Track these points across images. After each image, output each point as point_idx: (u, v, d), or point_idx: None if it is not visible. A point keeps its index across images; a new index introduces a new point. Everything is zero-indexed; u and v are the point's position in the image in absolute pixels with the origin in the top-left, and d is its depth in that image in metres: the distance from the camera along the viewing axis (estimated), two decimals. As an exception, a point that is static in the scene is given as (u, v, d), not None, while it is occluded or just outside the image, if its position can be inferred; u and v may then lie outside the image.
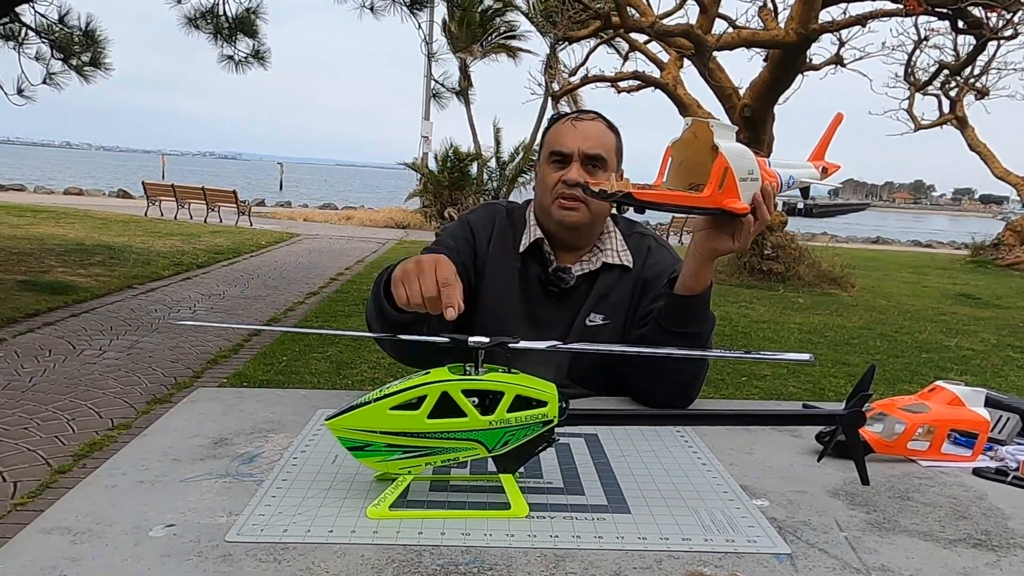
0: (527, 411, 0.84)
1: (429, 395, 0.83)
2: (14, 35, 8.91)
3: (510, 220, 1.49)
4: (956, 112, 16.81)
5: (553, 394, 0.86)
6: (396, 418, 0.83)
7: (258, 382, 4.41)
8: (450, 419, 0.83)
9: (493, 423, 0.83)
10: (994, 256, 16.54)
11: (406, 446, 0.84)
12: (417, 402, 0.83)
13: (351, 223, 18.33)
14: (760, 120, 10.61)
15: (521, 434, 0.85)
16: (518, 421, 0.84)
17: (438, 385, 0.83)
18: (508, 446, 0.85)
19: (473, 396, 0.84)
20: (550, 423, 0.85)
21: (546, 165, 1.42)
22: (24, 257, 8.28)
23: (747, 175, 1.05)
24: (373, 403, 0.84)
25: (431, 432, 0.83)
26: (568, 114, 1.47)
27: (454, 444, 0.84)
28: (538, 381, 0.86)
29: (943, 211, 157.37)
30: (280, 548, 0.75)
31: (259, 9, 9.56)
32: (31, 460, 3.16)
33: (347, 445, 0.86)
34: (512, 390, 0.84)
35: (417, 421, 0.83)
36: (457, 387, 0.83)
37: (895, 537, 0.84)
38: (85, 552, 0.74)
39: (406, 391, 0.83)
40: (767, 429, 1.19)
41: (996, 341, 7.31)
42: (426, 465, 0.86)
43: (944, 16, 9.74)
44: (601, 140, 1.40)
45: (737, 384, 4.99)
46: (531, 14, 19.48)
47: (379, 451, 0.85)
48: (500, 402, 0.84)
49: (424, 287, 1.01)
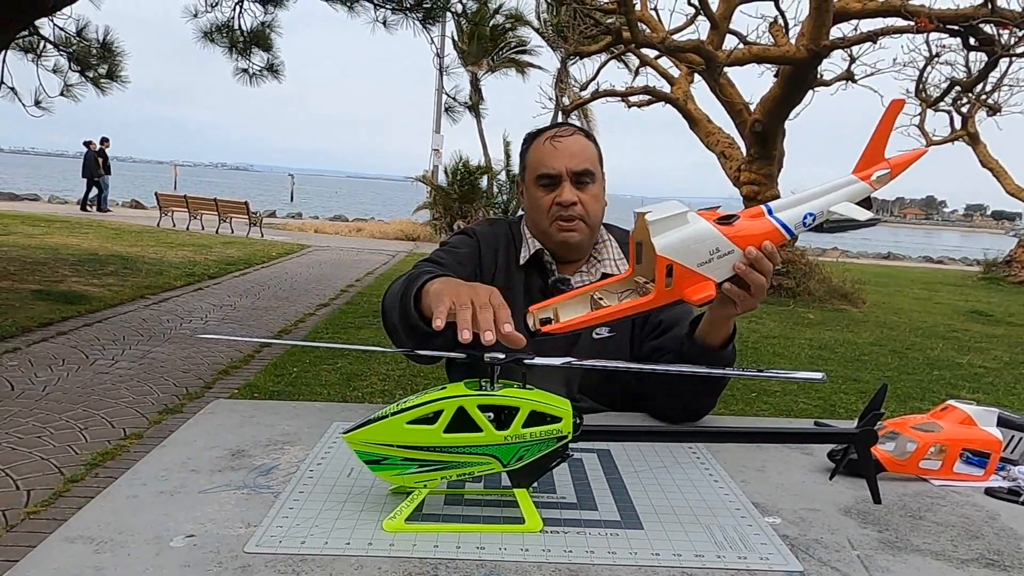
0: (542, 427, 0.85)
1: (446, 410, 0.84)
2: (33, 48, 9.04)
3: (511, 235, 1.51)
4: (968, 128, 16.76)
5: (567, 410, 0.86)
6: (413, 432, 0.84)
7: (269, 393, 4.43)
8: (466, 434, 0.84)
9: (508, 438, 0.84)
10: (1006, 273, 16.42)
11: (422, 460, 0.85)
12: (434, 416, 0.84)
13: (361, 235, 18.42)
14: (770, 135, 10.62)
15: (536, 449, 0.86)
16: (533, 436, 0.85)
17: (455, 400, 0.84)
18: (523, 461, 0.86)
19: (489, 411, 0.85)
20: (564, 438, 0.86)
21: (534, 188, 1.43)
22: (38, 267, 8.36)
23: (710, 256, 0.99)
24: (390, 417, 0.85)
25: (447, 447, 0.84)
26: (543, 130, 1.46)
27: (470, 459, 0.85)
28: (553, 397, 0.87)
29: (955, 227, 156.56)
30: (298, 560, 0.77)
31: (274, 23, 9.67)
32: (44, 469, 3.19)
33: (364, 458, 0.86)
34: (527, 406, 0.85)
35: (434, 435, 0.84)
36: (473, 402, 0.84)
37: (907, 556, 0.84)
38: (107, 561, 0.75)
39: (423, 405, 0.84)
40: (779, 446, 1.20)
41: (1009, 359, 7.25)
42: (442, 479, 0.86)
43: (955, 33, 9.75)
44: (585, 154, 1.41)
45: (747, 400, 4.97)
46: (542, 29, 19.61)
47: (396, 465, 0.86)
48: (515, 417, 0.84)
49: (478, 305, 0.96)
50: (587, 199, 1.40)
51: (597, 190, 1.43)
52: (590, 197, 1.41)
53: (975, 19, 8.99)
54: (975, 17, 9.00)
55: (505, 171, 17.87)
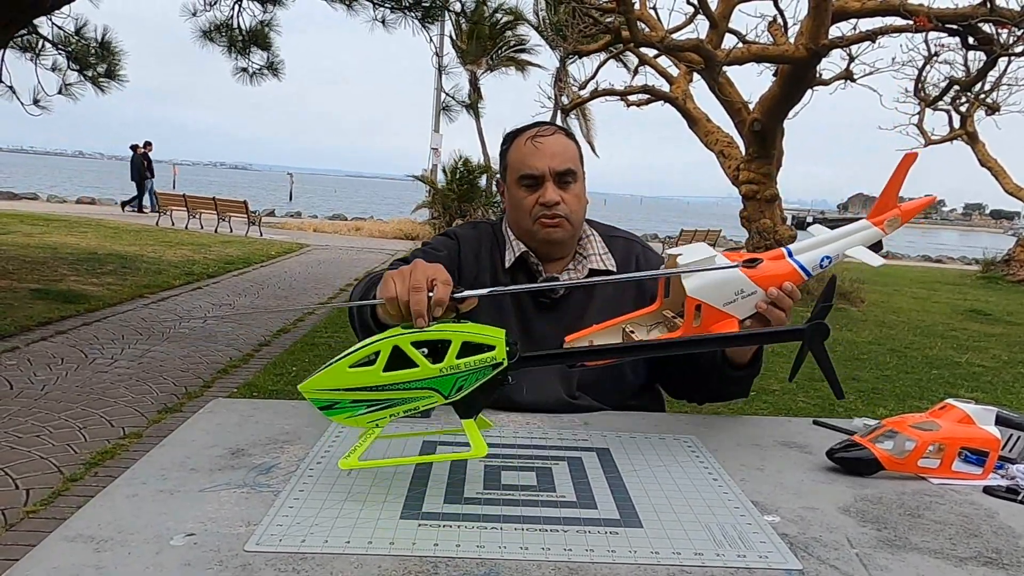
0: (476, 356, 0.90)
1: (382, 350, 0.89)
2: (31, 46, 9.02)
3: (494, 237, 1.50)
4: (966, 127, 16.77)
5: (500, 338, 0.91)
6: (355, 375, 0.89)
7: (268, 392, 4.43)
8: (404, 371, 0.89)
9: (444, 370, 0.89)
10: (1005, 272, 16.43)
11: (369, 400, 0.90)
12: (373, 358, 0.89)
13: (360, 234, 18.41)
14: (769, 134, 10.62)
15: (473, 378, 0.90)
16: (468, 366, 0.89)
17: (389, 340, 0.89)
18: (463, 391, 0.91)
19: (423, 347, 0.90)
20: (499, 365, 0.91)
21: (516, 188, 1.42)
22: (37, 266, 8.35)
23: (735, 296, 1.10)
24: (335, 363, 0.90)
25: (388, 384, 0.89)
26: (523, 129, 1.46)
27: (411, 394, 0.90)
28: (485, 327, 0.92)
29: (953, 226, 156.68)
30: (299, 558, 0.77)
31: (272, 22, 9.66)
32: (43, 468, 3.19)
33: (318, 405, 0.91)
34: (459, 337, 0.90)
35: (374, 375, 0.89)
36: (406, 340, 0.90)
37: (906, 555, 0.84)
38: (108, 560, 0.75)
39: (362, 348, 0.90)
40: (777, 445, 1.20)
41: (1007, 358, 7.26)
42: (390, 416, 0.91)
43: (954, 32, 9.75)
44: (567, 154, 1.41)
45: (746, 399, 4.97)
46: (541, 28, 19.62)
47: (346, 408, 0.91)
48: (448, 350, 0.89)
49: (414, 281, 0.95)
50: (570, 198, 1.40)
51: (579, 189, 1.43)
52: (573, 196, 1.41)
53: (974, 18, 8.99)
54: (974, 16, 9.00)
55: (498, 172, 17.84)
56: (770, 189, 10.99)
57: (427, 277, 0.96)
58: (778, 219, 11.09)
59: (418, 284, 0.94)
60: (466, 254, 1.47)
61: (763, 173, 10.93)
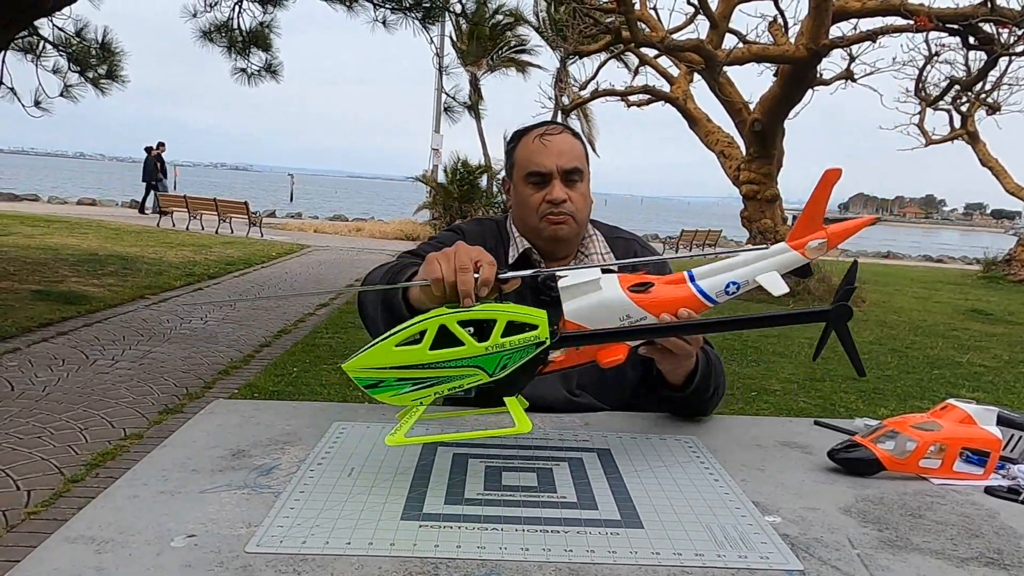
0: (520, 335, 0.91)
1: (428, 329, 0.90)
2: (32, 48, 9.03)
3: (499, 234, 1.51)
4: (967, 127, 16.76)
5: (543, 317, 0.92)
6: (401, 353, 0.90)
7: (269, 393, 4.43)
8: (450, 349, 0.90)
9: (490, 348, 0.90)
10: (1006, 272, 16.42)
11: (414, 378, 0.91)
12: (419, 337, 0.90)
13: (361, 235, 18.41)
14: (770, 134, 10.62)
15: (517, 356, 0.92)
16: (512, 345, 0.91)
17: (436, 319, 0.90)
18: (507, 369, 0.92)
19: (470, 326, 0.91)
20: (542, 344, 0.92)
21: (523, 185, 1.43)
22: (38, 267, 8.36)
23: (620, 322, 1.01)
24: (380, 342, 0.91)
25: (434, 363, 0.90)
26: (530, 128, 1.47)
27: (457, 372, 0.91)
28: (528, 308, 0.93)
29: (954, 226, 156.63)
30: (299, 559, 0.77)
31: (272, 23, 9.67)
32: (44, 469, 3.19)
33: (363, 384, 0.92)
34: (504, 316, 0.91)
35: (420, 354, 0.90)
36: (453, 319, 0.90)
37: (907, 555, 0.84)
38: (109, 561, 0.75)
39: (408, 327, 0.90)
40: (778, 445, 1.20)
41: (1008, 357, 7.26)
42: (435, 394, 0.92)
43: (955, 32, 9.75)
44: (574, 152, 1.42)
45: (747, 399, 4.97)
46: (541, 28, 19.62)
47: (391, 386, 0.92)
48: (494, 329, 0.90)
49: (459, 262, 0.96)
50: (576, 197, 1.41)
51: (585, 188, 1.44)
52: (579, 195, 1.42)
53: (974, 18, 8.99)
54: (974, 16, 9.00)
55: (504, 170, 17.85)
56: (771, 189, 10.99)
57: (471, 258, 0.97)
58: (779, 219, 11.10)
59: (464, 265, 0.95)
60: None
61: (764, 173, 10.93)
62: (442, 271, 0.96)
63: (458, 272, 0.95)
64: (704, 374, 1.25)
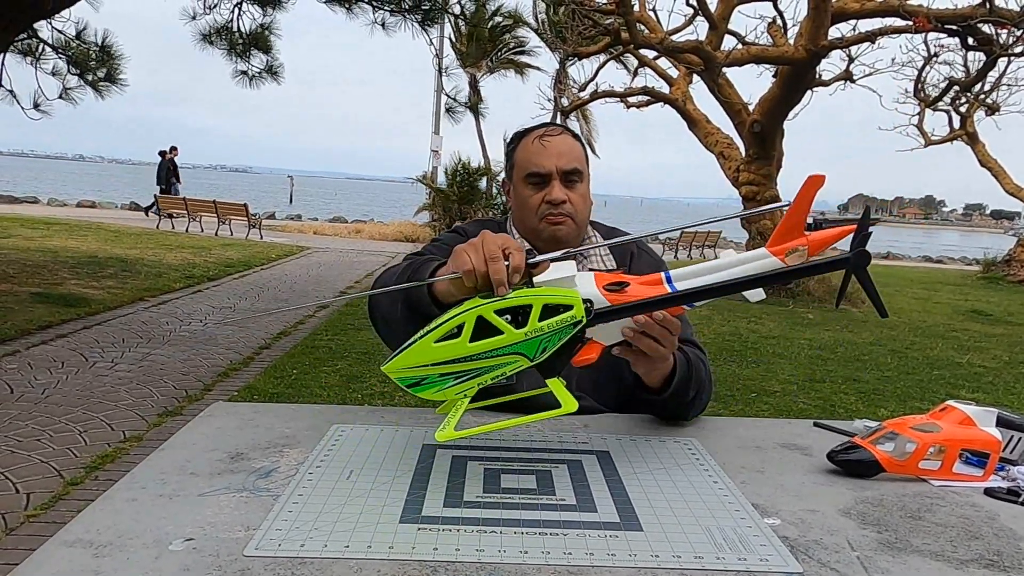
0: (556, 317, 0.91)
1: (467, 322, 0.90)
2: (32, 51, 9.03)
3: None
4: (966, 128, 16.78)
5: (577, 297, 0.93)
6: (442, 349, 0.90)
7: (269, 395, 4.43)
8: (490, 339, 0.90)
9: (529, 334, 0.91)
10: (1006, 272, 16.43)
11: (457, 372, 0.91)
12: (457, 331, 0.90)
13: (361, 236, 18.42)
14: (769, 135, 10.63)
15: (556, 339, 0.92)
16: (550, 328, 0.91)
17: (473, 311, 0.90)
18: (547, 352, 0.92)
19: (506, 314, 0.91)
20: (579, 323, 0.93)
21: (523, 186, 1.44)
22: (38, 269, 8.35)
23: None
24: (419, 341, 0.91)
25: (475, 354, 0.90)
26: (530, 129, 1.47)
27: (499, 360, 0.91)
28: (560, 289, 0.93)
29: (954, 227, 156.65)
30: (298, 563, 0.76)
31: (272, 25, 9.67)
32: (44, 472, 3.18)
33: (405, 383, 0.93)
34: (539, 300, 0.91)
35: (460, 347, 0.90)
36: (489, 308, 0.91)
37: (907, 557, 0.84)
38: (107, 565, 0.75)
39: (446, 323, 0.91)
40: (778, 447, 1.20)
41: (1008, 358, 7.26)
42: (478, 385, 0.93)
43: (954, 33, 9.76)
44: (573, 153, 1.43)
45: (747, 400, 4.97)
46: (541, 30, 19.64)
47: (434, 382, 0.92)
48: (531, 314, 0.91)
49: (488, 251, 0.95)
50: (576, 198, 1.41)
51: (585, 189, 1.44)
52: (578, 196, 1.42)
53: (973, 19, 9.00)
54: (973, 17, 9.01)
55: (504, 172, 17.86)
56: (770, 190, 10.99)
57: (499, 245, 0.96)
58: (778, 220, 11.10)
59: (494, 253, 0.95)
60: None
61: (763, 174, 10.94)
62: (472, 262, 0.96)
63: (489, 261, 0.94)
64: (683, 378, 1.23)
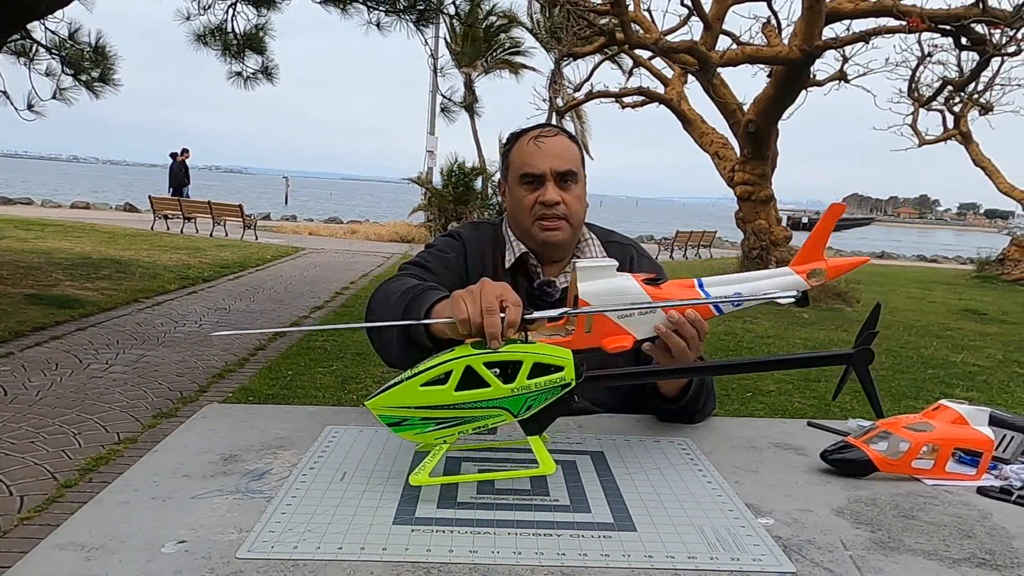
0: (545, 376, 0.91)
1: (455, 370, 0.90)
2: (25, 51, 8.99)
3: (495, 238, 1.51)
4: (960, 127, 16.84)
5: (569, 359, 0.92)
6: (427, 393, 0.90)
7: (264, 397, 4.42)
8: (475, 390, 0.90)
9: (515, 390, 0.90)
10: (1000, 271, 16.48)
11: (438, 418, 0.91)
12: (444, 377, 0.90)
13: (356, 237, 18.38)
14: (764, 135, 10.65)
15: (542, 398, 0.92)
16: (538, 387, 0.91)
17: (462, 360, 0.90)
18: (531, 410, 0.92)
19: (495, 367, 0.91)
20: (568, 386, 0.92)
21: (517, 187, 1.43)
22: (31, 271, 8.32)
23: (632, 311, 1.05)
24: (405, 382, 0.91)
25: (460, 403, 0.90)
26: (526, 130, 1.47)
27: (482, 412, 0.91)
28: (554, 348, 0.93)
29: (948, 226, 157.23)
30: (291, 565, 0.76)
31: (267, 26, 9.64)
32: (38, 474, 3.17)
33: (386, 421, 0.92)
34: (530, 358, 0.91)
35: (445, 394, 0.90)
36: (479, 360, 0.90)
37: (900, 556, 0.84)
38: (98, 568, 0.75)
39: (434, 368, 0.90)
40: (772, 447, 1.20)
41: (1002, 357, 7.28)
42: (459, 434, 0.92)
43: (947, 33, 9.79)
44: (568, 155, 1.42)
45: (742, 400, 4.98)
46: (536, 30, 19.64)
47: (415, 425, 0.92)
48: (520, 370, 0.90)
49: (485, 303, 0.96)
50: (570, 199, 1.41)
51: (580, 191, 1.43)
52: (573, 197, 1.41)
53: (967, 19, 9.03)
54: (967, 17, 9.04)
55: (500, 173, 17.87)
56: (765, 190, 11.01)
57: (498, 297, 0.95)
58: (773, 220, 11.12)
59: (491, 306, 0.94)
60: (472, 254, 1.47)
61: (758, 174, 10.95)
62: (468, 311, 0.95)
63: (485, 314, 0.94)
64: (697, 388, 1.27)
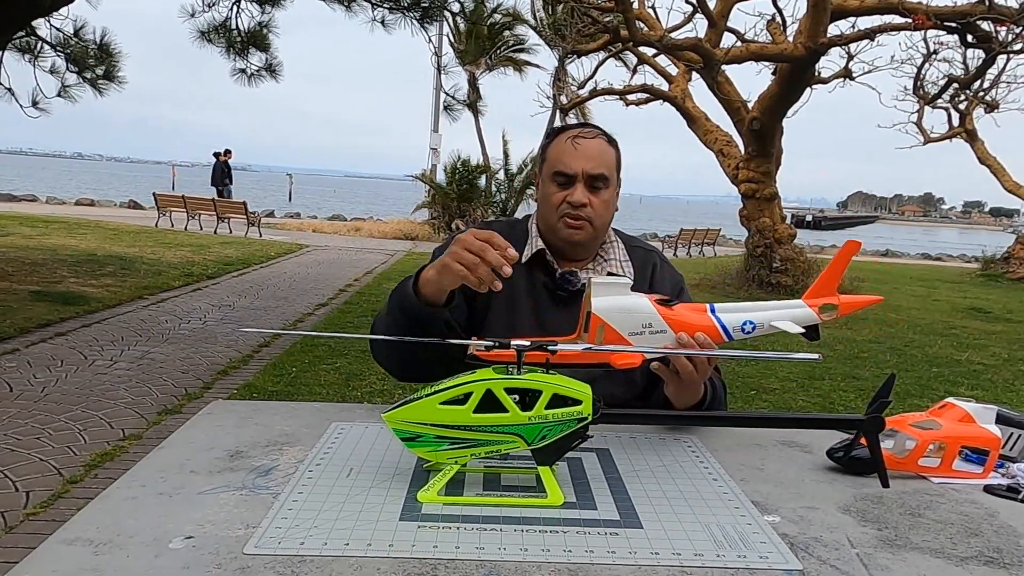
0: (563, 408, 0.91)
1: (475, 392, 0.90)
2: (30, 48, 9.00)
3: (513, 233, 1.51)
4: (965, 125, 16.76)
5: (588, 394, 0.92)
6: (445, 412, 0.91)
7: (268, 393, 4.43)
8: (493, 414, 0.90)
9: (532, 419, 0.91)
10: (1005, 270, 16.41)
11: (453, 438, 0.91)
12: (464, 398, 0.90)
13: (360, 234, 18.39)
14: (769, 133, 10.62)
15: (558, 429, 0.92)
16: (555, 418, 0.91)
17: (483, 383, 0.90)
18: (546, 440, 0.92)
19: (515, 394, 0.91)
20: (584, 420, 0.92)
21: (549, 183, 1.44)
22: (36, 267, 8.35)
23: (642, 328, 1.06)
24: (425, 398, 0.91)
25: (476, 426, 0.91)
26: (568, 128, 1.47)
27: (496, 437, 0.91)
28: (574, 382, 0.93)
29: (953, 224, 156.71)
30: (297, 561, 0.76)
31: (271, 23, 9.64)
32: (43, 470, 3.18)
33: (401, 436, 0.93)
34: (550, 389, 0.91)
35: (463, 415, 0.90)
36: (500, 385, 0.91)
37: (906, 554, 0.84)
38: (106, 563, 0.75)
39: (454, 387, 0.91)
40: (778, 445, 1.20)
41: (1007, 355, 7.26)
42: (471, 456, 0.93)
43: (953, 30, 9.75)
44: (603, 159, 1.42)
45: (746, 398, 4.97)
46: (540, 28, 19.61)
47: (429, 442, 0.92)
48: (539, 400, 0.91)
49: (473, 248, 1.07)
50: (598, 203, 1.40)
51: (609, 196, 1.43)
52: (601, 202, 1.41)
53: (972, 16, 8.99)
54: (972, 14, 9.00)
55: (503, 170, 17.86)
56: (769, 188, 10.99)
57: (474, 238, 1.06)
58: (777, 217, 11.10)
59: (471, 244, 1.05)
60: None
61: (762, 172, 10.93)
62: (467, 260, 1.05)
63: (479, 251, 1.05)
64: (710, 404, 1.28)
